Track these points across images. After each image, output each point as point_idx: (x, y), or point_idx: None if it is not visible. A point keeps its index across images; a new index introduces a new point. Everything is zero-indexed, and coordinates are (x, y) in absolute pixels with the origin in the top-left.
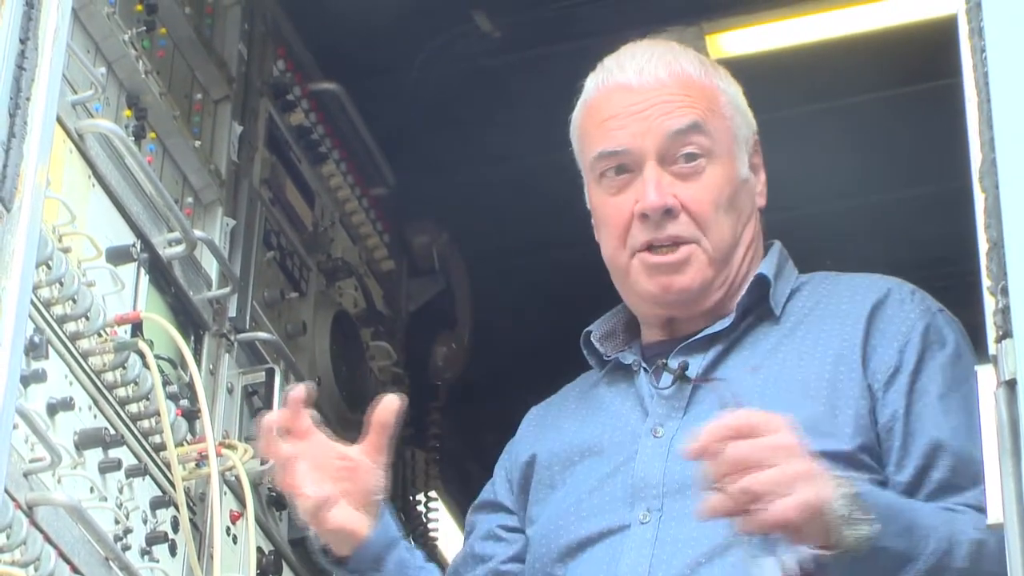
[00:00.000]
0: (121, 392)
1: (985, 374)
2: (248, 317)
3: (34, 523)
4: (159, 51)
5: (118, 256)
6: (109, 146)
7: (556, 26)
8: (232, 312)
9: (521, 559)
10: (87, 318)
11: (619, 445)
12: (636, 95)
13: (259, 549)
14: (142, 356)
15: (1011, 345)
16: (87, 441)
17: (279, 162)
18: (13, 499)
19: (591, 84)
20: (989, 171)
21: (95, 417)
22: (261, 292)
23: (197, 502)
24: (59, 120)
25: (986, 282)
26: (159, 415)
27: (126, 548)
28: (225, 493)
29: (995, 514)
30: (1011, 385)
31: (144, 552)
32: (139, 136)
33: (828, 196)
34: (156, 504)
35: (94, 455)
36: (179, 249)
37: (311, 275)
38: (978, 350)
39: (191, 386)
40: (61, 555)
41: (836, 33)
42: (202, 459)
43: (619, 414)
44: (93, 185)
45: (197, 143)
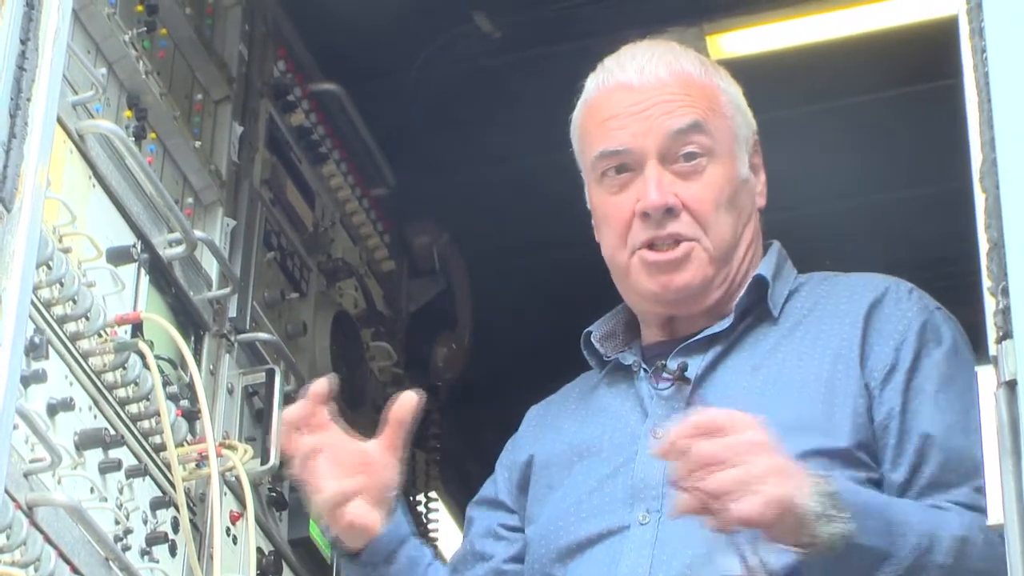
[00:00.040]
0: (121, 392)
1: (985, 374)
2: (248, 317)
3: (34, 523)
4: (160, 52)
5: (118, 256)
6: (109, 147)
7: (556, 26)
8: (232, 312)
9: (521, 559)
10: (87, 318)
11: (619, 446)
12: (637, 94)
13: (259, 549)
14: (142, 356)
15: (1011, 346)
16: (87, 441)
17: (279, 162)
18: (13, 499)
19: (591, 84)
20: (989, 171)
21: (95, 417)
22: (261, 292)
23: (197, 502)
24: (59, 121)
25: (986, 283)
26: (159, 415)
27: (126, 548)
28: (225, 493)
29: (995, 514)
30: (1011, 386)
31: (144, 552)
32: (139, 136)
33: (828, 196)
34: (156, 504)
35: (94, 455)
36: (179, 249)
37: (311, 275)
38: (978, 350)
39: (191, 386)
40: (61, 555)
41: (836, 34)
42: (202, 459)
43: (619, 415)
44: (93, 185)
45: (197, 143)
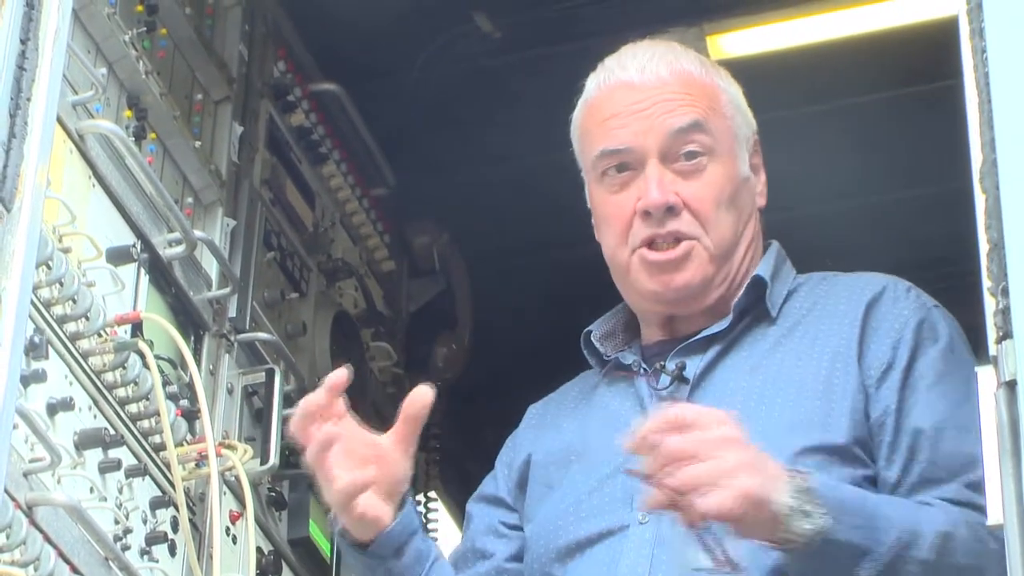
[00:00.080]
0: (121, 392)
1: (985, 375)
2: (248, 317)
3: (34, 523)
4: (160, 52)
5: (118, 256)
6: (109, 146)
7: (557, 26)
8: (232, 312)
9: (521, 558)
10: (87, 318)
11: (618, 446)
12: (638, 93)
13: (259, 549)
14: (142, 356)
15: (1011, 346)
16: (87, 441)
17: (279, 163)
18: (13, 499)
19: (592, 83)
20: (990, 172)
21: (95, 417)
22: (261, 292)
23: (197, 502)
24: (59, 120)
25: (986, 283)
26: (159, 415)
27: (126, 548)
28: (225, 493)
29: (995, 514)
30: (1011, 386)
31: (144, 552)
32: (139, 136)
33: (828, 196)
34: (156, 504)
35: (94, 455)
36: (179, 249)
37: (311, 275)
38: (978, 351)
39: (191, 386)
40: (61, 555)
41: (837, 34)
42: (202, 459)
43: (618, 414)
44: (93, 185)
45: (197, 143)
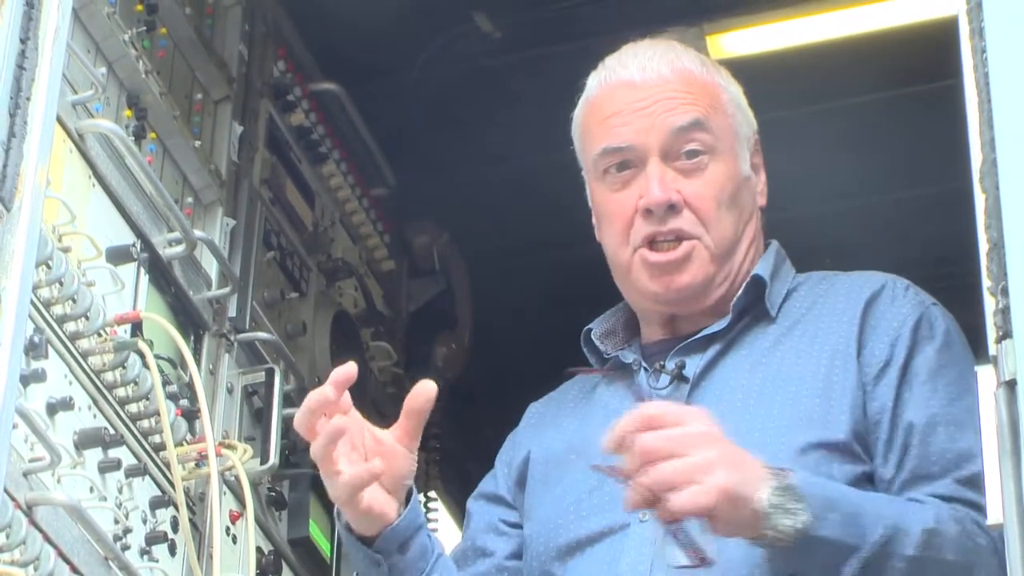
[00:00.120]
0: (121, 392)
1: (985, 374)
2: (248, 317)
3: (34, 523)
4: (159, 51)
5: (118, 256)
6: (109, 146)
7: (556, 26)
8: (232, 312)
9: (520, 556)
10: (87, 318)
11: None
12: (639, 91)
13: (259, 549)
14: (142, 356)
15: (1011, 345)
16: (87, 441)
17: (279, 162)
18: (13, 499)
19: (593, 82)
20: (989, 171)
21: (95, 417)
22: (261, 292)
23: (197, 502)
24: (59, 120)
25: (986, 282)
26: (159, 415)
27: (126, 548)
28: (225, 493)
29: (995, 514)
30: (1011, 385)
31: (144, 552)
32: (139, 136)
33: (828, 196)
34: (156, 504)
35: (94, 455)
36: (179, 249)
37: (311, 275)
38: (978, 351)
39: (191, 386)
40: (61, 555)
41: (836, 34)
42: (202, 459)
43: (618, 413)
44: (93, 185)
45: (197, 143)
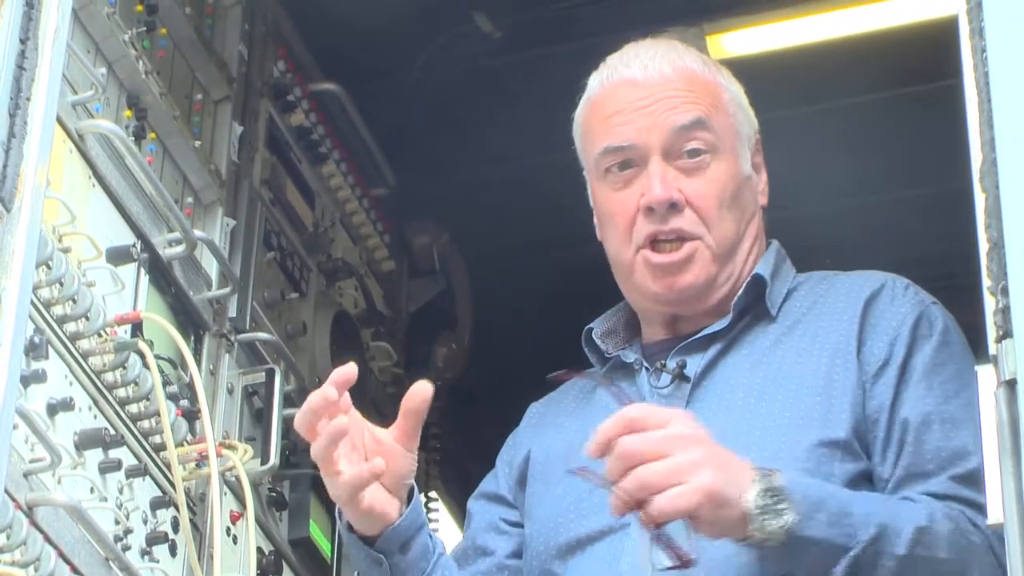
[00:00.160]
0: (121, 392)
1: (985, 374)
2: (248, 317)
3: (34, 523)
4: (159, 51)
5: (118, 256)
6: (109, 146)
7: (556, 26)
8: (232, 312)
9: (521, 554)
10: (87, 318)
11: None
12: (641, 90)
13: (259, 549)
14: (142, 356)
15: (1011, 345)
16: (87, 441)
17: (279, 162)
18: (13, 499)
19: (595, 81)
20: (989, 171)
21: (95, 417)
22: (261, 292)
23: (197, 502)
24: (59, 120)
25: (986, 282)
26: (159, 415)
27: (126, 548)
28: (225, 493)
29: (995, 514)
30: (1011, 385)
31: (144, 552)
32: (139, 136)
33: (828, 196)
34: (156, 504)
35: (94, 455)
36: (179, 249)
37: (311, 275)
38: (978, 350)
39: (191, 386)
40: (61, 555)
41: (836, 34)
42: (202, 459)
43: None
44: (93, 185)
45: (197, 143)
